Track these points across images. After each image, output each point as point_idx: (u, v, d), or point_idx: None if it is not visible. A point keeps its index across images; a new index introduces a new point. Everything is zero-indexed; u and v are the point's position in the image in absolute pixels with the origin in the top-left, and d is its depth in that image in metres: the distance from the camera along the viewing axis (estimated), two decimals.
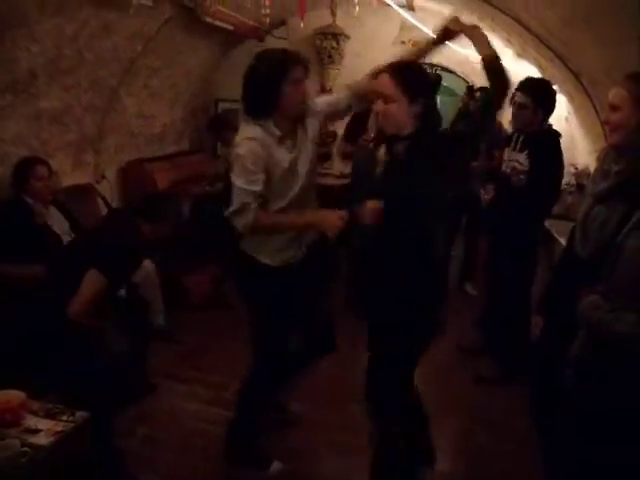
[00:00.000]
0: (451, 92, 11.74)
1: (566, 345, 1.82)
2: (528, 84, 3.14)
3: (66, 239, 3.12)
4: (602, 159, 1.93)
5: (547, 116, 3.13)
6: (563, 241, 3.07)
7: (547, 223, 3.75)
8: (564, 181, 4.56)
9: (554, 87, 4.52)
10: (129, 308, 2.99)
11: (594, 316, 1.65)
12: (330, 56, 5.71)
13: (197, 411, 2.98)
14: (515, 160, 3.14)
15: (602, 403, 1.66)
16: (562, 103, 4.79)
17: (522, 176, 3.08)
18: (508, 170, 3.19)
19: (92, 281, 2.25)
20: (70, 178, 3.90)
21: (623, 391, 1.62)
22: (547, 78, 4.49)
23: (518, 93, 3.11)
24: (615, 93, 1.78)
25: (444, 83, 11.62)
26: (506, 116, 3.46)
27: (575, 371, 1.76)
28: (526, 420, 2.46)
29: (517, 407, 2.98)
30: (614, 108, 1.76)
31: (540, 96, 3.08)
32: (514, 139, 3.22)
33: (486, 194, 3.46)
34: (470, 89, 5.24)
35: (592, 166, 4.16)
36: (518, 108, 3.13)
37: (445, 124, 12.32)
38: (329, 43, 5.63)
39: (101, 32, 3.48)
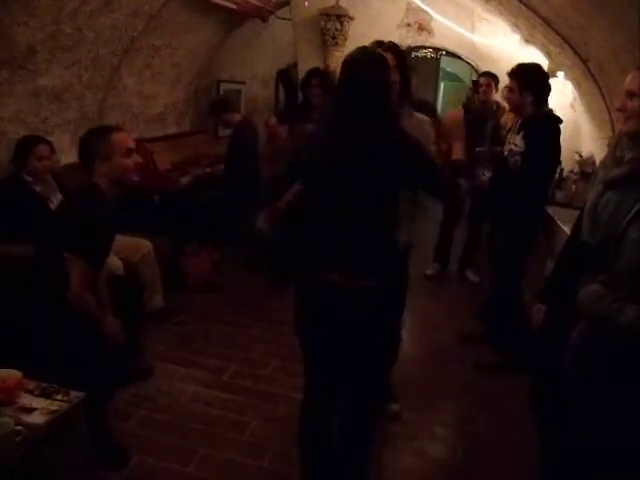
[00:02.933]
0: (454, 77, 11.65)
1: (569, 332, 1.79)
2: (515, 69, 3.20)
3: None
4: (614, 146, 1.88)
5: (539, 99, 3.14)
6: (567, 229, 3.05)
7: (550, 211, 3.74)
8: (568, 169, 4.54)
9: (559, 73, 4.50)
10: (127, 289, 2.97)
11: (596, 306, 1.61)
12: (334, 37, 5.63)
13: (195, 393, 2.97)
14: (512, 142, 3.20)
15: (600, 391, 1.64)
16: (568, 89, 4.74)
17: (517, 157, 3.13)
18: (506, 152, 3.25)
19: (74, 265, 2.22)
20: (69, 155, 3.86)
21: (622, 380, 1.60)
22: (553, 64, 4.45)
23: (510, 78, 3.22)
24: (633, 79, 1.68)
25: (447, 68, 11.55)
26: None
27: (574, 359, 1.74)
28: (525, 407, 2.45)
29: (516, 394, 2.96)
30: (631, 95, 1.67)
31: (526, 79, 3.12)
32: (516, 123, 3.27)
33: (483, 176, 3.50)
34: (475, 83, 5.14)
35: (597, 154, 4.13)
36: (507, 92, 3.29)
37: (447, 108, 12.15)
38: (333, 24, 5.55)
39: (101, 8, 3.42)
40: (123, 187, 2.43)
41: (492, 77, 4.62)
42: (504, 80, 4.58)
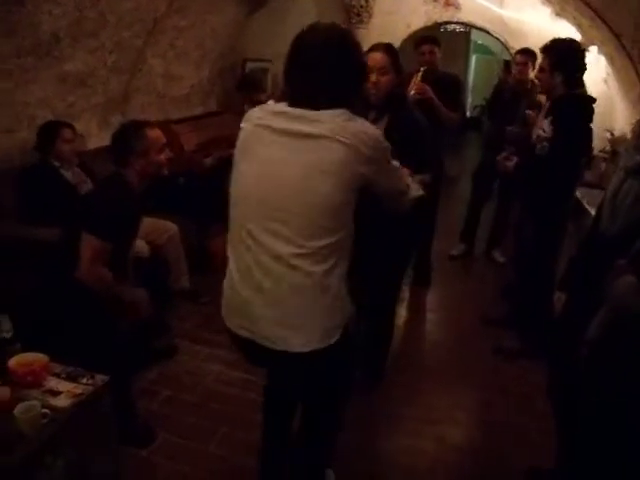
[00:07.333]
0: (486, 49, 11.34)
1: (588, 323, 1.77)
2: (548, 46, 2.96)
3: None
4: (637, 132, 1.82)
5: (570, 80, 2.91)
6: (593, 211, 2.97)
7: (578, 193, 3.61)
8: (598, 147, 4.39)
9: (591, 48, 4.30)
10: (152, 270, 3.03)
11: (634, 299, 1.55)
12: (359, 14, 5.51)
13: (219, 373, 3.04)
14: (540, 127, 3.01)
15: (615, 384, 1.62)
16: (602, 64, 4.58)
17: (545, 144, 2.94)
18: (534, 137, 3.07)
19: (87, 243, 2.29)
20: (97, 139, 3.92)
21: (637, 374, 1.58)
22: (583, 39, 4.27)
23: (542, 55, 3.02)
24: None
25: (478, 41, 11.25)
26: None
27: (590, 352, 1.72)
28: (544, 394, 2.45)
29: (536, 381, 2.95)
30: None
31: (557, 58, 2.89)
32: (546, 105, 3.10)
33: (509, 161, 3.30)
34: (507, 64, 4.93)
35: (630, 132, 4.00)
36: (538, 71, 3.06)
37: (479, 81, 11.85)
38: (358, 1, 5.44)
39: None
40: (151, 180, 2.50)
41: (529, 54, 4.40)
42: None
